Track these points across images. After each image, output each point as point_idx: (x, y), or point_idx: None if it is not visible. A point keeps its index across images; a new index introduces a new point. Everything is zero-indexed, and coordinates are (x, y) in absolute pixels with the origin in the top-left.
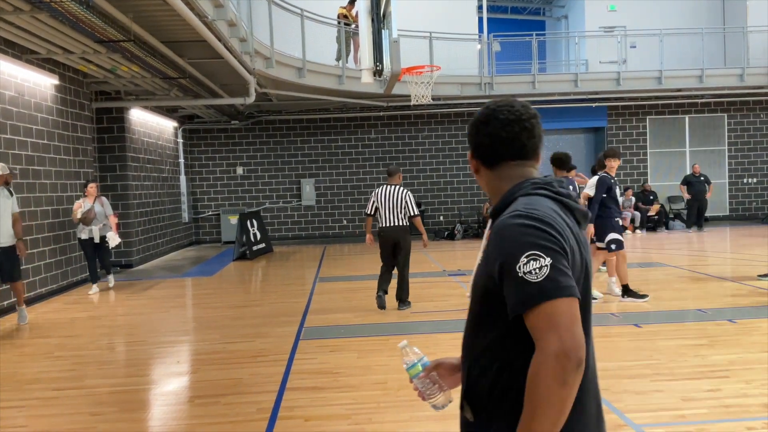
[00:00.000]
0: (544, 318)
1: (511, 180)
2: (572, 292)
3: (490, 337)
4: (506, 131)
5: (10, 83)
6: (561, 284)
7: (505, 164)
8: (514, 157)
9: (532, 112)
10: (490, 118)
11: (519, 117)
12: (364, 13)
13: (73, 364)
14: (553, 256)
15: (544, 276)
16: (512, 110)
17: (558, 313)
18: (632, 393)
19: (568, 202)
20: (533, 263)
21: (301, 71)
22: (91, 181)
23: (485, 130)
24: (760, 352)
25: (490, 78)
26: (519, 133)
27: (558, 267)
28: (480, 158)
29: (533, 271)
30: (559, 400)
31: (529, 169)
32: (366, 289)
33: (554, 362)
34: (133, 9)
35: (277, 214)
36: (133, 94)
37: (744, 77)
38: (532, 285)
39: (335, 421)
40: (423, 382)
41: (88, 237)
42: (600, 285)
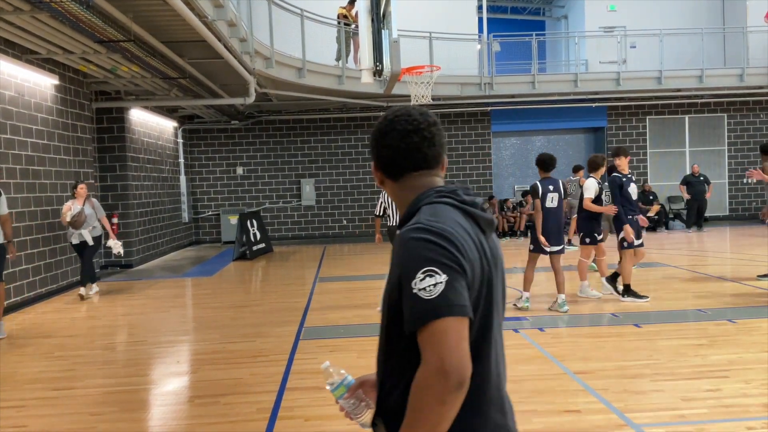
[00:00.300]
0: (430, 335)
1: (416, 190)
2: (463, 311)
3: (398, 352)
4: (405, 142)
5: (10, 83)
6: (453, 303)
7: (409, 175)
8: (417, 167)
9: (432, 120)
10: (388, 129)
11: (417, 126)
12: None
13: (73, 364)
14: (449, 273)
15: (437, 293)
16: (410, 120)
17: (444, 332)
18: (632, 393)
19: (472, 210)
20: (429, 279)
21: (301, 71)
22: (81, 182)
23: (384, 141)
24: (760, 352)
25: (490, 78)
26: (419, 143)
27: (453, 285)
28: (383, 170)
29: (427, 288)
30: (436, 416)
31: (434, 178)
32: (366, 289)
33: (435, 380)
34: (133, 9)
35: (277, 214)
36: (133, 94)
37: (744, 77)
38: (425, 302)
39: (335, 421)
40: (348, 402)
41: (78, 241)
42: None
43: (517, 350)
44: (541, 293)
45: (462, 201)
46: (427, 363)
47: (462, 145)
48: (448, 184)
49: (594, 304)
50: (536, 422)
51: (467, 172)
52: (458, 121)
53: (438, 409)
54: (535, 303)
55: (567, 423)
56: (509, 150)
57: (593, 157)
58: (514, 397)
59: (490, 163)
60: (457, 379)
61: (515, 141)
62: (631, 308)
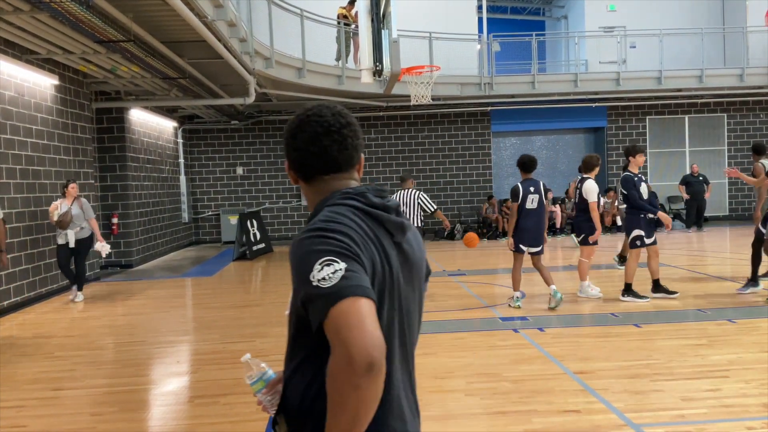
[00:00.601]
0: (333, 322)
1: (324, 193)
2: (365, 292)
3: (300, 357)
4: (315, 145)
5: (10, 83)
6: (353, 284)
7: (320, 178)
8: (327, 170)
9: (344, 122)
10: (297, 131)
11: (328, 129)
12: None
13: (73, 364)
14: (347, 261)
15: (337, 279)
16: (321, 121)
17: (346, 313)
18: (632, 393)
19: (377, 213)
20: (327, 269)
21: (300, 71)
22: (72, 181)
23: (294, 143)
24: (760, 352)
25: (490, 78)
26: (328, 146)
27: (352, 270)
28: (294, 171)
29: (327, 277)
30: (354, 404)
31: (345, 181)
32: None
33: (343, 366)
34: (133, 9)
35: (277, 214)
36: (133, 94)
37: (744, 77)
38: (326, 290)
39: None
40: (266, 397)
41: (64, 242)
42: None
43: (517, 350)
44: (540, 293)
45: (369, 203)
46: (333, 350)
47: (462, 145)
48: (359, 186)
49: (594, 304)
50: (536, 422)
51: (467, 172)
52: (458, 121)
53: (353, 395)
54: (534, 303)
55: (567, 423)
56: (509, 150)
57: (588, 157)
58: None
59: (490, 163)
60: (365, 360)
61: (515, 141)
62: (631, 308)
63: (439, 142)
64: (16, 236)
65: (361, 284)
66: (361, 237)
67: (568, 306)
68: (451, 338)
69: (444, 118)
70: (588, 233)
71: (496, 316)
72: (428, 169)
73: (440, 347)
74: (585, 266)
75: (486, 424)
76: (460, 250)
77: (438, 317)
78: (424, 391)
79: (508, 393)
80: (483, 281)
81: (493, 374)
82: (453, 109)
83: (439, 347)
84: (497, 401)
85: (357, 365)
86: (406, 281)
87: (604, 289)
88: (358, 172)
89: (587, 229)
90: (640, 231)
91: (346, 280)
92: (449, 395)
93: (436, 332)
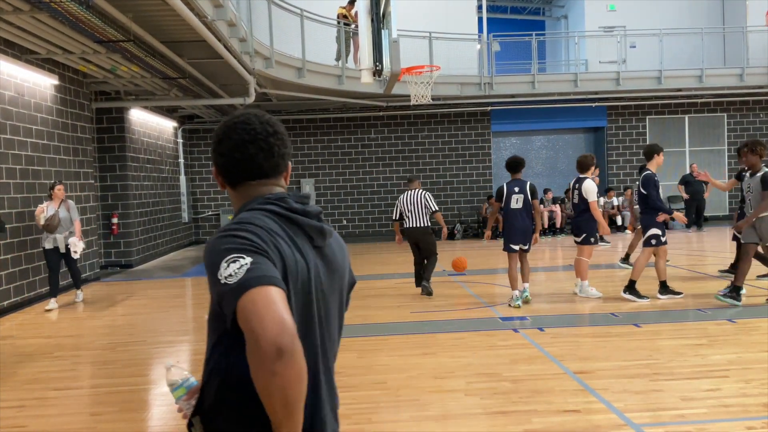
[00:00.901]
0: (243, 311)
1: (247, 198)
2: (270, 281)
3: (215, 357)
4: (240, 152)
5: (10, 83)
6: (258, 274)
7: (246, 184)
8: (252, 177)
9: (271, 130)
10: (224, 138)
11: (254, 137)
12: (364, 13)
13: (73, 364)
14: (253, 256)
15: (243, 273)
16: (247, 129)
17: (252, 302)
18: (632, 393)
19: (296, 217)
20: (233, 265)
21: (300, 71)
22: (59, 183)
23: (220, 149)
24: (760, 352)
25: (490, 78)
26: (254, 154)
27: (258, 263)
28: (221, 177)
29: (233, 273)
30: (278, 390)
31: (270, 188)
32: (366, 289)
33: (256, 354)
34: (133, 9)
35: None
36: (133, 94)
37: (744, 77)
38: (234, 284)
39: None
40: (187, 404)
41: (52, 246)
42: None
43: (517, 350)
44: (540, 293)
45: (288, 208)
46: (247, 341)
47: (462, 145)
48: (281, 192)
49: (594, 303)
50: (536, 422)
51: (467, 172)
52: (458, 121)
53: (273, 382)
54: (534, 303)
55: (567, 423)
56: (509, 150)
57: (582, 157)
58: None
59: (490, 163)
60: (273, 345)
61: (515, 141)
62: (631, 308)
63: (439, 142)
64: (16, 236)
65: (267, 274)
66: (269, 236)
67: (568, 306)
68: (451, 338)
69: (444, 118)
70: (588, 233)
71: (496, 316)
72: (428, 169)
73: (440, 347)
74: (585, 266)
75: (486, 424)
76: (460, 250)
77: (438, 317)
78: (424, 391)
79: (508, 393)
80: (483, 281)
81: (493, 374)
82: (453, 109)
83: (439, 347)
84: (497, 401)
85: (266, 352)
86: (327, 285)
87: (604, 289)
88: (285, 180)
89: (587, 229)
90: (657, 230)
91: (251, 272)
92: (449, 395)
93: (436, 332)
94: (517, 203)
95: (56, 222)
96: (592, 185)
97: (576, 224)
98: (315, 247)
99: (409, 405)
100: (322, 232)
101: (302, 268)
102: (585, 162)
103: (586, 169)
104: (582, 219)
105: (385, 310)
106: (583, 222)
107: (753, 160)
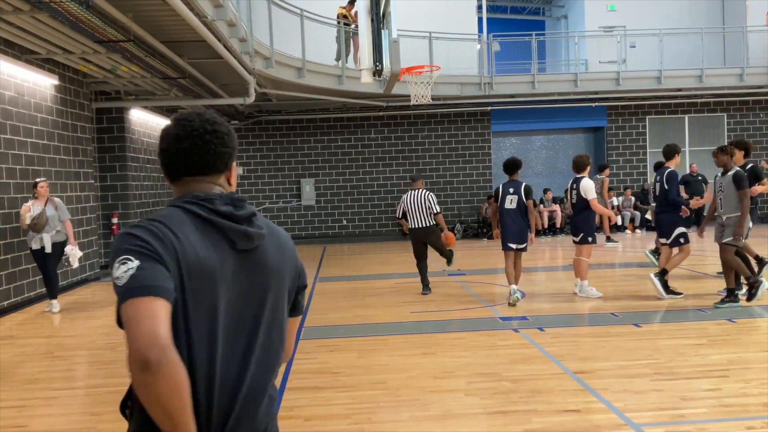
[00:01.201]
0: (125, 319)
1: (179, 194)
2: (151, 291)
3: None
4: (176, 147)
5: (10, 83)
6: (140, 284)
7: (183, 179)
8: (186, 173)
9: (210, 128)
10: (165, 132)
11: (190, 133)
12: (364, 12)
13: (72, 364)
14: (141, 259)
15: (128, 278)
16: (186, 125)
17: (132, 313)
18: (632, 392)
19: (216, 220)
20: (122, 267)
21: (300, 71)
22: (41, 180)
23: (161, 144)
24: (760, 352)
25: (490, 78)
26: (189, 149)
27: (144, 268)
28: (163, 170)
29: (120, 276)
30: (153, 399)
31: (207, 186)
32: (366, 289)
33: (129, 364)
34: (133, 9)
35: (277, 214)
36: (133, 94)
37: (743, 77)
38: (118, 288)
39: (335, 420)
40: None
41: (39, 247)
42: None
43: (517, 350)
44: (540, 293)
45: (213, 210)
46: (126, 350)
47: (462, 145)
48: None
49: (594, 303)
50: (536, 422)
51: (467, 172)
52: (458, 121)
53: (146, 392)
54: (534, 303)
55: (567, 423)
56: (509, 150)
57: (578, 157)
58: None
59: (490, 163)
60: (140, 358)
61: (515, 141)
62: (631, 308)
63: (439, 142)
64: (16, 236)
65: (148, 284)
66: (172, 237)
67: (568, 306)
68: (451, 338)
69: (444, 118)
70: (586, 232)
71: (496, 316)
72: (428, 169)
73: (440, 347)
74: (584, 265)
75: (486, 424)
76: (460, 250)
77: (438, 317)
78: (424, 391)
79: (508, 393)
80: (483, 281)
81: (493, 374)
82: (453, 109)
83: (439, 347)
84: (497, 401)
85: (133, 364)
86: (249, 289)
87: (604, 289)
88: (229, 180)
89: (585, 229)
90: (683, 228)
91: (134, 279)
92: (449, 395)
93: (436, 332)
94: (511, 204)
95: (44, 221)
96: (590, 183)
97: (574, 224)
98: (239, 250)
99: (409, 405)
100: (247, 236)
101: (209, 271)
102: (581, 162)
103: (583, 168)
104: (580, 219)
105: (385, 310)
106: (581, 222)
107: (724, 160)
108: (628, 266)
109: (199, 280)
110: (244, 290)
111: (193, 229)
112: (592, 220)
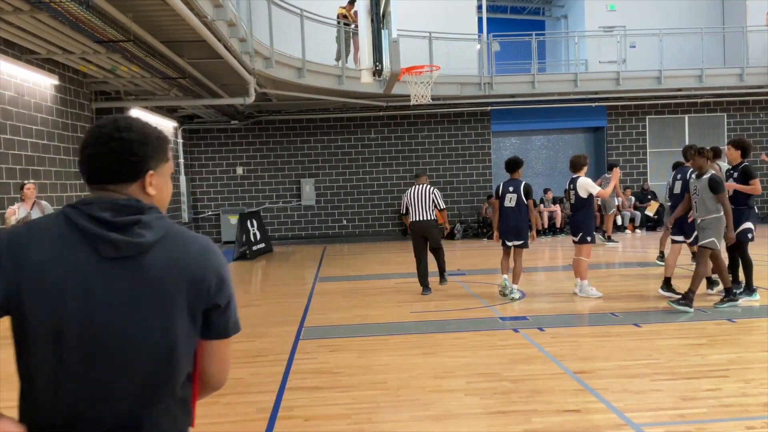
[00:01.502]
0: None
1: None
2: None
3: None
4: (83, 153)
5: (10, 83)
6: None
7: (92, 186)
8: (93, 180)
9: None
10: (83, 139)
11: (97, 140)
12: (364, 12)
13: None
14: None
15: None
16: (96, 131)
17: None
18: (632, 392)
19: (84, 225)
20: None
21: (300, 71)
22: (28, 182)
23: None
24: (760, 352)
25: (490, 78)
26: (92, 156)
27: None
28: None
29: None
30: None
31: (109, 193)
32: (366, 289)
33: None
34: (133, 9)
35: (277, 214)
36: (133, 94)
37: (743, 77)
38: None
39: (335, 420)
40: None
41: None
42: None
43: (517, 350)
44: (541, 293)
45: (88, 215)
46: None
47: (462, 145)
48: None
49: (594, 303)
50: (536, 422)
51: (467, 172)
52: (458, 120)
53: None
54: (534, 303)
55: (567, 423)
56: (509, 150)
57: (575, 157)
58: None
59: (490, 163)
60: None
61: (515, 141)
62: (630, 308)
63: (439, 142)
64: None
65: None
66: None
67: (568, 306)
68: (451, 338)
69: (444, 118)
70: (584, 232)
71: (496, 316)
72: (428, 168)
73: (440, 347)
74: (584, 265)
75: (486, 424)
76: (460, 250)
77: (438, 317)
78: (424, 391)
79: (508, 393)
80: (483, 281)
81: (493, 374)
82: (453, 109)
83: (439, 347)
84: (497, 401)
85: None
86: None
87: (604, 289)
88: (145, 188)
89: (584, 228)
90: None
91: None
92: (449, 395)
93: (436, 332)
94: (510, 202)
95: None
96: (588, 180)
97: (573, 224)
98: (111, 258)
99: (409, 405)
100: (111, 243)
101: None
102: (578, 162)
103: (579, 168)
104: (578, 218)
105: (385, 310)
106: (579, 221)
107: (700, 162)
108: (628, 266)
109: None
110: (114, 304)
111: (54, 237)
112: (591, 220)
